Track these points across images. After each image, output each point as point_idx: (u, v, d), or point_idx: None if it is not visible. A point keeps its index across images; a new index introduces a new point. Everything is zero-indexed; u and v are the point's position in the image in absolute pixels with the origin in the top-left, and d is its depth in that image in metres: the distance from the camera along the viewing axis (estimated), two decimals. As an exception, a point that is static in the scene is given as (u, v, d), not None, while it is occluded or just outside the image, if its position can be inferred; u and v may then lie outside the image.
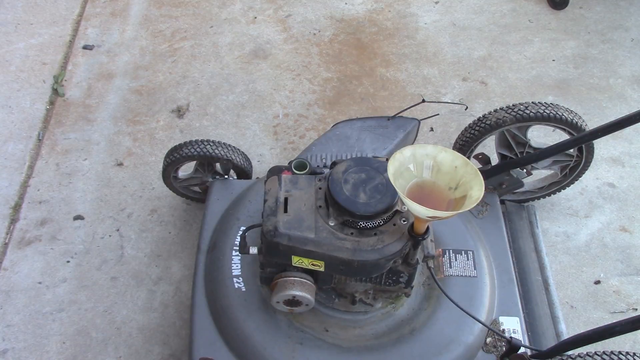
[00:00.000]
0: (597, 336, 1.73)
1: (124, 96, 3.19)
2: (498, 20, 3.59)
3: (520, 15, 3.62)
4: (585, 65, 3.34)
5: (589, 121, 2.35)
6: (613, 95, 3.20)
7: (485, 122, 2.31)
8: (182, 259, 2.60)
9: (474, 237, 2.24)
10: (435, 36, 3.50)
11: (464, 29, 3.54)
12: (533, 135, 2.37)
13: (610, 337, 1.71)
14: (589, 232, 2.68)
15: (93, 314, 2.44)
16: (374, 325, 2.03)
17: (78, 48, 3.41)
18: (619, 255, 2.61)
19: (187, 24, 3.54)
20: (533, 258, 2.42)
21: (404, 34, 3.51)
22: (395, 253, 1.72)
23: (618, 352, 1.67)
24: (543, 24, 3.56)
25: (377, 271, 1.78)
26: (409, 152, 1.59)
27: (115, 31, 3.50)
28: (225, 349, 1.99)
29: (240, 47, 3.43)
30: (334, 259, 1.71)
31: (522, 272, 2.34)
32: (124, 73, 3.29)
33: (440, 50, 3.42)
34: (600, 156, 2.92)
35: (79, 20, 3.56)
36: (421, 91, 3.22)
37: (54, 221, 2.70)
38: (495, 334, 1.99)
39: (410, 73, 3.30)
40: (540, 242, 2.48)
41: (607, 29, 3.53)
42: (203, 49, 3.41)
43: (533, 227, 2.54)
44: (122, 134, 3.02)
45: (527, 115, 2.23)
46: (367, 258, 1.70)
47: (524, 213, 2.59)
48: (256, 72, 3.30)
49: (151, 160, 2.92)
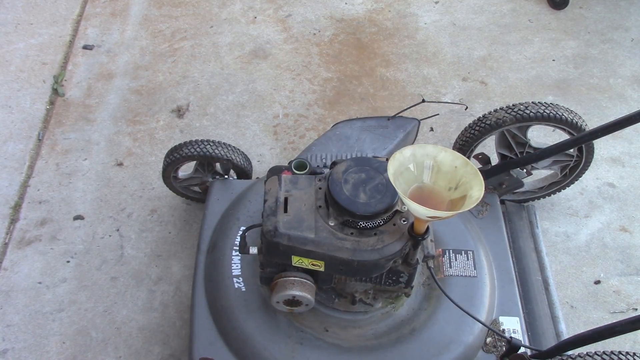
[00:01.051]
0: (597, 336, 1.73)
1: (124, 96, 3.19)
2: (498, 20, 3.59)
3: (520, 15, 3.62)
4: (585, 65, 3.34)
5: (589, 121, 2.35)
6: (613, 95, 3.20)
7: (485, 122, 2.31)
8: (182, 259, 2.60)
9: (474, 237, 2.24)
10: (435, 36, 3.50)
11: (464, 29, 3.54)
12: (533, 135, 2.37)
13: (610, 337, 1.71)
14: (589, 232, 2.68)
15: (93, 314, 2.44)
16: (374, 325, 2.03)
17: (78, 48, 3.41)
18: (619, 255, 2.61)
19: (187, 24, 3.54)
20: (533, 258, 2.42)
21: (404, 34, 3.51)
22: (395, 253, 1.72)
23: (618, 352, 1.67)
24: (543, 24, 3.56)
25: (377, 271, 1.78)
26: (409, 152, 1.59)
27: (115, 31, 3.50)
28: (225, 349, 1.99)
29: (240, 47, 3.43)
30: (334, 259, 1.71)
31: (522, 272, 2.34)
32: (124, 73, 3.29)
33: (440, 50, 3.42)
34: (600, 156, 2.92)
35: (79, 20, 3.56)
36: (421, 91, 3.22)
37: (54, 221, 2.70)
38: (495, 334, 1.99)
39: (410, 73, 3.30)
40: (540, 242, 2.48)
41: (607, 29, 3.53)
42: (203, 49, 3.41)
43: (533, 227, 2.54)
44: (122, 134, 3.02)
45: (527, 115, 2.23)
46: (367, 258, 1.70)
47: (524, 213, 2.59)
48: (256, 72, 3.30)
49: (151, 160, 2.92)
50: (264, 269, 1.92)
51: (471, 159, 2.45)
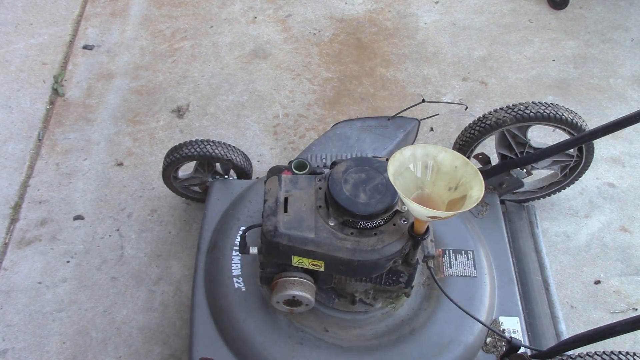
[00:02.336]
0: (598, 336, 1.73)
1: (124, 96, 3.19)
2: (498, 20, 3.59)
3: (520, 15, 3.61)
4: (585, 65, 3.34)
5: (589, 121, 2.35)
6: (613, 95, 3.20)
7: (485, 122, 2.31)
8: (182, 258, 2.60)
9: (474, 237, 2.24)
10: (435, 36, 3.50)
11: (464, 29, 3.54)
12: (533, 135, 2.37)
13: (610, 337, 1.71)
14: (589, 232, 2.68)
15: (93, 314, 2.44)
16: (374, 325, 2.03)
17: (78, 48, 3.41)
18: (619, 255, 2.61)
19: (187, 24, 3.54)
20: (533, 258, 2.42)
21: (404, 34, 3.51)
22: (395, 253, 1.72)
23: (618, 352, 1.67)
24: (543, 24, 3.56)
25: (377, 271, 1.78)
26: (409, 152, 1.59)
27: (115, 31, 3.50)
28: (225, 349, 1.99)
29: (240, 47, 3.43)
30: (334, 259, 1.71)
31: (522, 272, 2.34)
32: (124, 73, 3.29)
33: (440, 50, 3.42)
34: (600, 156, 2.92)
35: (79, 20, 3.56)
36: (421, 91, 3.22)
37: (54, 221, 2.70)
38: (495, 334, 1.99)
39: (410, 73, 3.30)
40: (540, 242, 2.48)
41: (607, 29, 3.53)
42: (203, 49, 3.41)
43: (533, 227, 2.54)
44: (122, 134, 3.02)
45: (527, 115, 2.23)
46: (367, 258, 1.70)
47: (524, 213, 2.59)
48: (256, 72, 3.30)
49: (151, 160, 2.92)
50: (264, 268, 1.92)
51: (471, 159, 2.45)
